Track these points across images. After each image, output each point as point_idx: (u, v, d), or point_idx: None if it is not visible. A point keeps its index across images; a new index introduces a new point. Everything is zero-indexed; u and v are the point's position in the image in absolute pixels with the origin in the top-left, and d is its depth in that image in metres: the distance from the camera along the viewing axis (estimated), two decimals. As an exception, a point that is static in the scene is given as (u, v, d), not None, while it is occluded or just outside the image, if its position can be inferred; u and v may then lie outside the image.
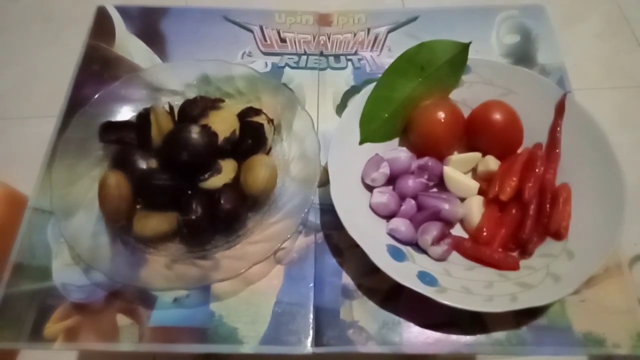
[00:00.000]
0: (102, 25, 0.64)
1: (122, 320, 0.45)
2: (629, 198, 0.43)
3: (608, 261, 0.46)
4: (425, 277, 0.43)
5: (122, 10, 0.65)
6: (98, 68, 0.60)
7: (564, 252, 0.44)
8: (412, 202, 0.48)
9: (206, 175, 0.46)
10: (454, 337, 0.43)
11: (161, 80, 0.54)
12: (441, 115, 0.49)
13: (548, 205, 0.46)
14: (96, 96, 0.51)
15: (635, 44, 1.26)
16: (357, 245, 0.43)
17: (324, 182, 0.48)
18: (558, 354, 0.43)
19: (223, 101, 0.52)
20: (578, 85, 0.61)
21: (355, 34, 0.64)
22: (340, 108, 0.57)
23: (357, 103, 0.51)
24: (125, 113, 0.52)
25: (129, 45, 0.62)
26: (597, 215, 0.44)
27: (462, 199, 0.49)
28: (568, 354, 0.43)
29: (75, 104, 0.56)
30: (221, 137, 0.47)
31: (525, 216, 0.46)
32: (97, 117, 0.50)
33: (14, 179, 0.64)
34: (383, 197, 0.48)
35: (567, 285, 0.41)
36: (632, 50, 1.25)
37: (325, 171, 0.48)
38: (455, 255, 0.46)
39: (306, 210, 0.45)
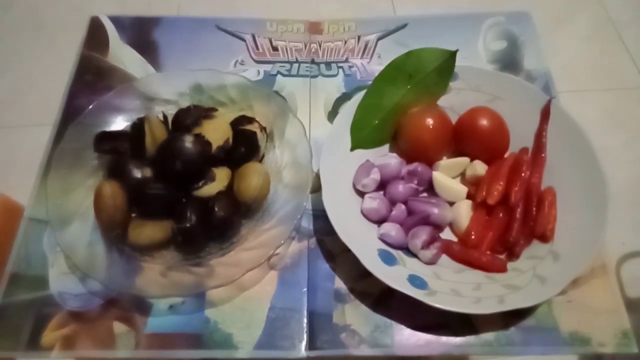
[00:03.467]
0: (95, 36, 0.65)
1: (118, 327, 0.46)
2: (612, 201, 0.45)
3: (593, 262, 0.47)
4: (415, 281, 0.44)
5: (115, 21, 0.66)
6: (92, 78, 0.61)
7: (550, 254, 0.45)
8: (403, 207, 0.49)
9: (200, 184, 0.47)
10: (445, 339, 0.44)
11: (155, 90, 0.55)
12: (429, 121, 0.51)
13: (534, 209, 0.47)
14: (90, 107, 0.52)
15: (622, 45, 1.28)
16: (349, 250, 0.44)
17: (316, 189, 0.49)
18: (545, 354, 0.44)
19: (216, 110, 0.53)
20: (566, 88, 0.63)
21: (345, 42, 0.65)
22: (332, 115, 0.58)
23: (348, 110, 0.52)
24: (120, 123, 0.53)
25: (122, 55, 0.63)
26: (581, 218, 0.46)
27: (451, 203, 0.50)
28: (555, 353, 0.44)
29: (70, 113, 0.57)
30: (215, 146, 0.48)
31: (512, 219, 0.47)
32: (91, 128, 0.51)
33: (9, 188, 0.64)
34: (374, 202, 0.49)
35: (553, 287, 0.42)
36: (618, 52, 1.27)
37: (317, 177, 0.49)
38: (444, 259, 0.47)
39: (299, 216, 0.46)
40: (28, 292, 0.47)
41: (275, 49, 0.64)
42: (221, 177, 0.48)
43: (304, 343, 0.45)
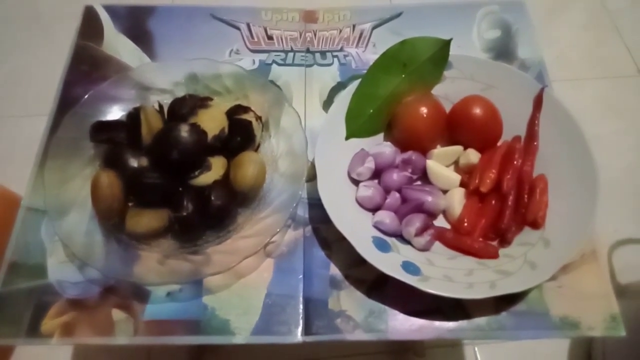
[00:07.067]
0: (90, 25, 0.64)
1: (117, 314, 0.46)
2: (602, 189, 0.45)
3: (583, 248, 0.48)
4: (409, 267, 0.45)
5: (110, 10, 0.66)
6: (87, 68, 0.61)
7: (541, 240, 0.46)
8: (397, 195, 0.49)
9: (196, 173, 0.47)
10: (437, 324, 0.45)
11: (150, 80, 0.55)
12: (424, 110, 0.51)
13: (526, 196, 0.48)
14: (86, 96, 0.52)
15: (617, 34, 1.28)
16: (344, 238, 0.44)
17: (312, 177, 0.50)
18: (536, 338, 0.45)
19: (212, 99, 0.53)
20: (561, 76, 0.63)
21: (340, 31, 0.65)
22: (327, 104, 0.58)
23: (343, 99, 0.53)
24: (116, 112, 0.53)
25: (117, 44, 0.63)
26: (572, 205, 0.46)
27: (445, 191, 0.50)
28: (545, 337, 0.45)
29: (66, 103, 0.57)
30: (210, 135, 0.49)
31: (504, 207, 0.48)
32: (87, 117, 0.51)
33: (6, 178, 0.65)
34: (368, 190, 0.49)
35: (543, 272, 0.43)
36: (613, 41, 1.27)
37: (312, 166, 0.49)
38: (437, 245, 0.48)
39: (294, 204, 0.46)
40: (27, 280, 0.48)
41: (270, 38, 0.64)
42: (217, 166, 0.48)
43: (300, 328, 0.45)
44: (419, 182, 0.52)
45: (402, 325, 0.45)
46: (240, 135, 0.50)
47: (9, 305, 0.47)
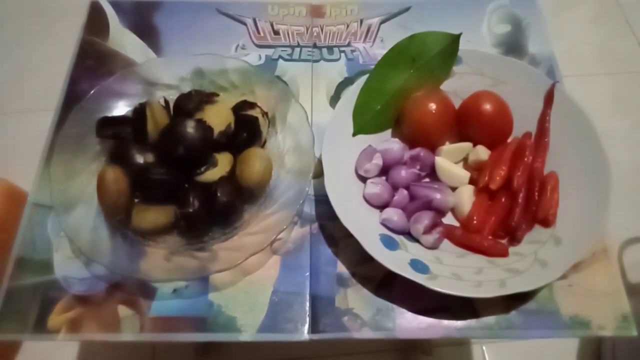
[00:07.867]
0: (96, 20, 0.64)
1: (123, 311, 0.46)
2: (614, 186, 0.45)
3: (595, 246, 0.47)
4: (417, 265, 0.44)
5: (116, 5, 0.65)
6: (93, 63, 0.60)
7: (552, 238, 0.45)
8: (405, 192, 0.49)
9: (202, 169, 0.47)
10: (446, 322, 0.45)
11: (156, 75, 0.55)
12: (432, 106, 0.50)
13: (536, 193, 0.47)
14: (92, 92, 0.52)
15: (628, 29, 1.26)
16: (352, 235, 0.44)
17: (319, 174, 0.49)
18: (546, 337, 0.45)
19: (217, 95, 0.52)
20: (571, 72, 0.62)
21: (348, 25, 0.64)
22: (334, 100, 0.58)
23: (350, 95, 0.52)
24: (121, 108, 0.53)
25: (123, 39, 0.63)
26: (583, 203, 0.46)
27: (454, 189, 0.50)
28: (555, 336, 0.45)
29: (71, 99, 0.57)
30: (216, 131, 0.48)
31: (514, 204, 0.47)
32: (93, 113, 0.51)
33: (12, 174, 0.65)
34: (376, 187, 0.49)
35: (554, 271, 0.42)
36: (625, 36, 1.25)
37: (319, 163, 0.49)
38: (446, 243, 0.47)
39: (301, 201, 0.46)
40: (34, 276, 0.48)
41: (276, 33, 0.64)
42: (223, 162, 0.48)
43: (306, 326, 0.45)
44: (427, 179, 0.51)
45: (410, 323, 0.45)
46: (246, 131, 0.50)
47: (16, 301, 0.47)
